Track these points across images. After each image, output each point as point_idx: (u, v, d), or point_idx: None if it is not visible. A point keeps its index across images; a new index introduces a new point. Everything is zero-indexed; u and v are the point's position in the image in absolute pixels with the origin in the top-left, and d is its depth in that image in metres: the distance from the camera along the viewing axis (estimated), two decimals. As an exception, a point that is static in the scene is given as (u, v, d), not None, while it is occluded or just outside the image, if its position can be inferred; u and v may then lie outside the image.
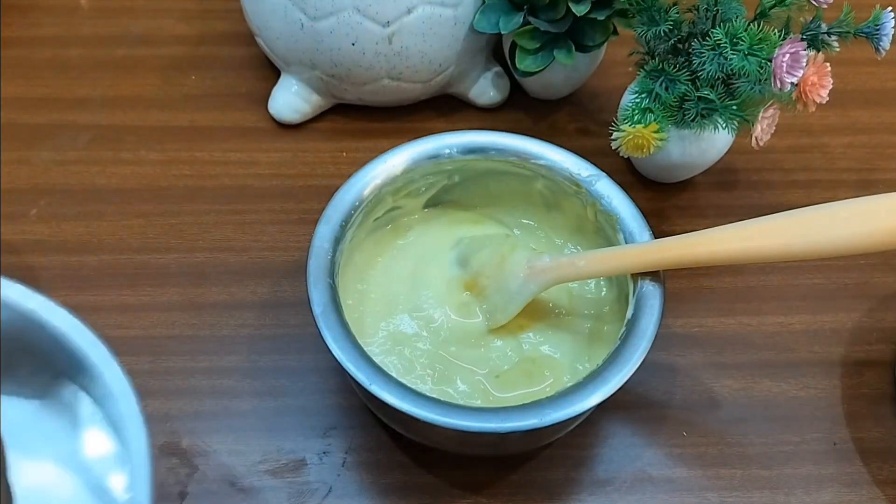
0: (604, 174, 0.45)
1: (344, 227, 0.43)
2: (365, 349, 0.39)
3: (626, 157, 0.48)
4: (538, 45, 0.53)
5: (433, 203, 0.49)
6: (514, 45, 0.54)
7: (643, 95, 0.48)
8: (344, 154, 0.57)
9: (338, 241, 0.42)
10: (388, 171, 0.45)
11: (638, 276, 0.41)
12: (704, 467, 0.44)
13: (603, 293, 0.46)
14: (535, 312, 0.45)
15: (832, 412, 0.46)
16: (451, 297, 0.45)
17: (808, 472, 0.44)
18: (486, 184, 0.48)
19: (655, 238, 0.43)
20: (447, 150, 0.46)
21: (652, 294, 0.41)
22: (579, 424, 0.42)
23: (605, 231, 0.45)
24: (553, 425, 0.37)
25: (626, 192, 0.45)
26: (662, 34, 0.47)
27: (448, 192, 0.49)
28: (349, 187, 0.44)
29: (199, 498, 0.42)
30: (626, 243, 0.43)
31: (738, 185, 0.56)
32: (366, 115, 0.59)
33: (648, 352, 0.39)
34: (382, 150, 0.57)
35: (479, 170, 0.47)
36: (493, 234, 0.48)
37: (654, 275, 0.41)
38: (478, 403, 0.42)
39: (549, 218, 0.49)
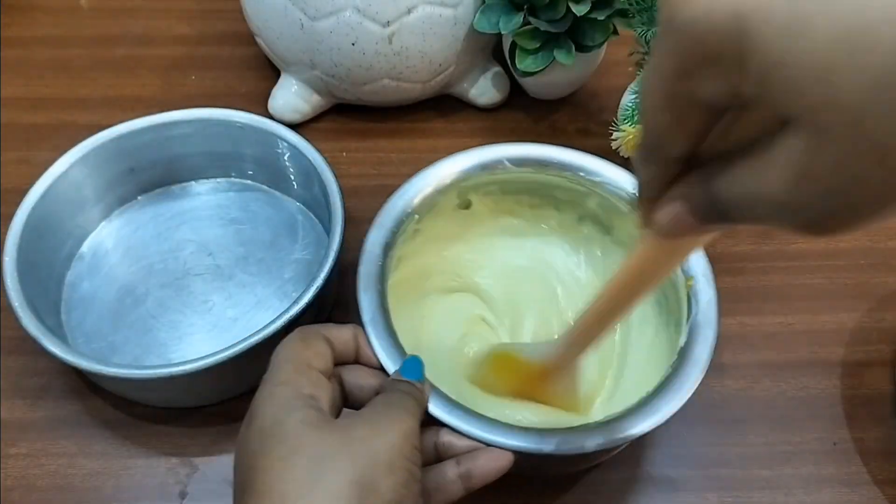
0: None
1: (395, 233, 0.42)
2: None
3: (626, 157, 0.48)
4: (538, 45, 0.53)
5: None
6: (514, 45, 0.54)
7: (643, 95, 0.48)
8: (344, 154, 0.57)
9: (388, 247, 0.41)
10: (440, 179, 0.44)
11: (691, 301, 0.40)
12: (704, 467, 0.44)
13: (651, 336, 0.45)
14: None
15: (832, 412, 0.46)
16: None
17: (808, 472, 0.44)
18: (539, 195, 0.47)
19: None
20: (502, 162, 0.45)
21: (706, 324, 0.39)
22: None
23: None
24: (596, 452, 0.36)
25: None
26: (662, 34, 0.47)
27: (499, 202, 0.48)
28: (401, 194, 0.43)
29: (199, 498, 0.42)
30: None
31: (739, 185, 0.56)
32: (366, 115, 0.59)
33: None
34: (382, 150, 0.56)
35: (533, 182, 0.46)
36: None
37: (708, 304, 0.40)
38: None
39: (601, 236, 0.47)
